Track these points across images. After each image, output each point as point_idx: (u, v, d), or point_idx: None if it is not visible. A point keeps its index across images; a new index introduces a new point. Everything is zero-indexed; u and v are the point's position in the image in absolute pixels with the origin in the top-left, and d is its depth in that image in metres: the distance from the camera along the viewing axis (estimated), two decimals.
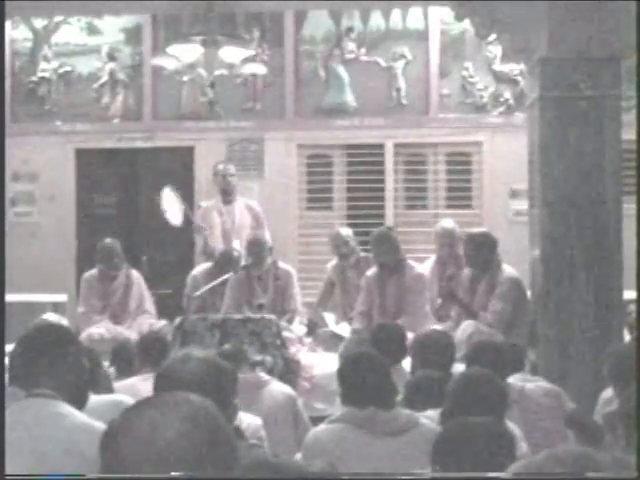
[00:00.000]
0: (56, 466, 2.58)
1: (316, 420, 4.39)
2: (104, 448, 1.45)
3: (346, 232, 7.35)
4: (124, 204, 9.17)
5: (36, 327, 2.96)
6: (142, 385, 4.63)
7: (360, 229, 7.71)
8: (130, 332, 6.84)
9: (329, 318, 7.16)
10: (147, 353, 5.03)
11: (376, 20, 8.81)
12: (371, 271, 6.82)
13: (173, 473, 1.39)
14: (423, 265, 7.10)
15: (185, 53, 7.13)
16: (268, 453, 3.07)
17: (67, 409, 2.71)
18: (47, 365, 2.74)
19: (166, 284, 8.31)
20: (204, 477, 1.42)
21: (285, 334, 6.28)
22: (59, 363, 2.75)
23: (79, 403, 2.81)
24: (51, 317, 6.88)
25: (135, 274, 7.44)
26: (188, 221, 7.75)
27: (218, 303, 7.01)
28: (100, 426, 2.62)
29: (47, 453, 2.60)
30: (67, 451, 2.60)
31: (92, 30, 8.98)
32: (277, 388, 4.72)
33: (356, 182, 8.81)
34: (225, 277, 6.89)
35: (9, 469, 2.43)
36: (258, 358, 5.42)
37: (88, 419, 2.72)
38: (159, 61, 7.84)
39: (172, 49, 7.23)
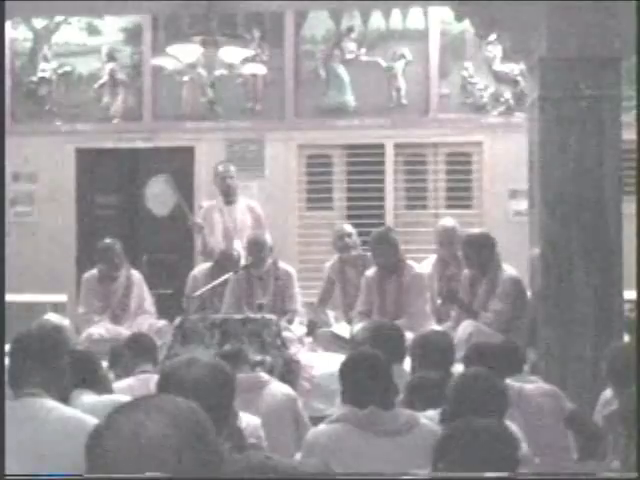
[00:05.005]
0: (49, 455, 2.78)
1: (316, 420, 4.39)
2: (89, 449, 1.46)
3: (349, 228, 7.37)
4: (124, 204, 9.17)
5: (25, 331, 3.32)
6: (138, 385, 4.64)
7: (360, 229, 7.70)
8: (130, 332, 6.84)
9: (331, 316, 7.17)
10: (138, 352, 5.03)
11: (376, 20, 8.81)
12: (371, 271, 6.82)
13: (157, 474, 1.40)
14: (422, 264, 7.10)
15: (185, 53, 7.13)
16: (262, 453, 3.07)
17: (53, 404, 2.95)
18: (34, 367, 3.00)
19: (166, 284, 8.31)
20: (193, 478, 1.44)
21: (285, 334, 6.27)
22: (45, 365, 3.01)
23: (64, 399, 3.07)
24: (52, 317, 6.88)
25: (135, 274, 7.44)
26: (184, 217, 7.74)
27: (218, 303, 7.01)
28: (87, 418, 2.87)
29: (39, 444, 2.82)
30: (57, 441, 2.81)
31: (92, 30, 8.98)
32: (277, 388, 4.72)
33: (356, 182, 8.81)
34: (225, 277, 6.89)
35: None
36: (258, 358, 5.42)
37: (74, 411, 2.99)
38: (159, 61, 7.84)
39: (172, 49, 7.22)
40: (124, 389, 4.50)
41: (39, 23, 8.98)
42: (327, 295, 7.39)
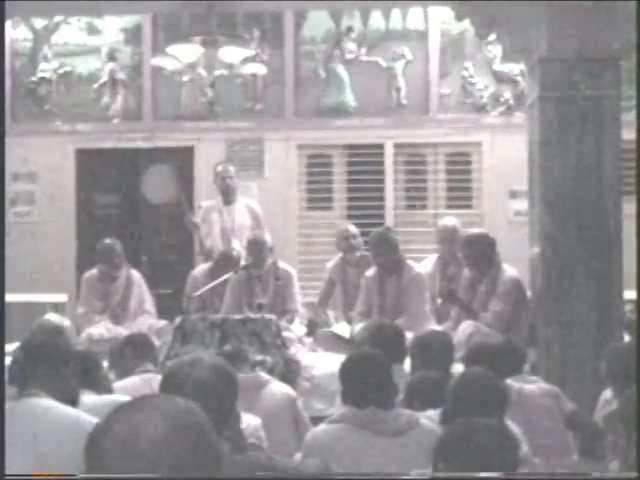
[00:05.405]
0: (48, 454, 2.84)
1: (316, 420, 4.39)
2: (88, 449, 1.47)
3: (354, 229, 7.37)
4: (124, 204, 9.17)
5: (33, 332, 3.38)
6: (141, 384, 4.64)
7: (360, 229, 7.71)
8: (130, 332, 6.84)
9: (331, 316, 7.18)
10: (138, 352, 5.03)
11: (376, 20, 8.81)
12: (370, 271, 6.82)
13: (156, 475, 1.40)
14: (422, 264, 7.10)
15: (185, 53, 7.13)
16: (263, 454, 3.08)
17: (52, 403, 3.00)
18: (36, 368, 3.08)
19: (166, 284, 8.31)
20: (193, 478, 1.44)
21: (285, 334, 6.27)
22: (47, 366, 3.09)
23: (71, 402, 3.10)
24: (52, 317, 6.88)
25: (135, 274, 7.44)
26: (183, 214, 7.76)
27: (218, 303, 7.01)
28: (86, 417, 2.87)
29: (38, 444, 2.87)
30: (56, 440, 2.86)
31: (92, 30, 8.99)
32: (277, 388, 4.72)
33: (356, 182, 8.81)
34: (225, 277, 6.89)
35: (7, 462, 2.58)
36: (258, 358, 5.42)
37: (74, 410, 3.04)
38: (159, 61, 7.84)
39: (172, 49, 7.23)
40: (127, 388, 4.50)
41: (39, 23, 8.98)
42: (327, 295, 7.40)
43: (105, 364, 4.84)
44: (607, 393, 4.39)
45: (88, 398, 3.72)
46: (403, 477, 3.04)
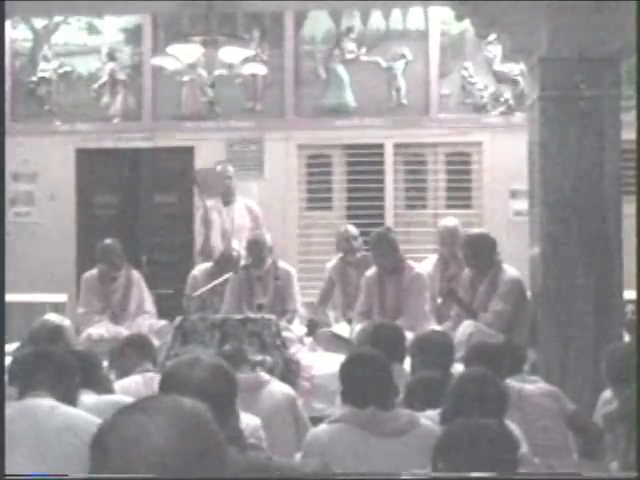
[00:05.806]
0: (50, 454, 2.87)
1: (316, 420, 4.39)
2: (93, 449, 1.47)
3: (354, 230, 7.36)
4: (124, 204, 9.17)
5: (33, 332, 3.46)
6: (144, 383, 4.64)
7: (360, 229, 7.71)
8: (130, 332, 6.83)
9: (331, 316, 7.19)
10: (139, 352, 5.03)
11: (376, 20, 8.81)
12: (370, 271, 6.82)
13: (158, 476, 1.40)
14: (422, 264, 7.10)
15: (185, 53, 7.13)
16: (263, 454, 3.07)
17: (58, 403, 3.04)
18: (40, 369, 3.11)
19: (166, 284, 8.31)
20: (194, 478, 1.44)
21: (285, 334, 6.27)
22: (51, 367, 3.14)
23: (71, 402, 3.14)
24: (52, 317, 6.88)
25: (135, 274, 7.44)
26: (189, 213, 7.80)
27: (218, 303, 7.01)
28: (88, 417, 2.88)
29: (39, 443, 2.90)
30: (58, 440, 2.91)
31: (92, 30, 8.99)
32: (277, 388, 4.72)
33: (356, 182, 8.81)
34: (225, 277, 6.90)
35: (9, 461, 2.58)
36: (258, 358, 5.42)
37: (76, 410, 3.09)
38: (159, 61, 7.84)
39: (172, 49, 7.22)
40: (128, 388, 4.50)
41: (39, 23, 8.98)
42: (327, 295, 7.40)
43: (105, 364, 4.85)
44: (607, 393, 4.40)
45: (88, 398, 3.72)
46: (403, 477, 3.04)
